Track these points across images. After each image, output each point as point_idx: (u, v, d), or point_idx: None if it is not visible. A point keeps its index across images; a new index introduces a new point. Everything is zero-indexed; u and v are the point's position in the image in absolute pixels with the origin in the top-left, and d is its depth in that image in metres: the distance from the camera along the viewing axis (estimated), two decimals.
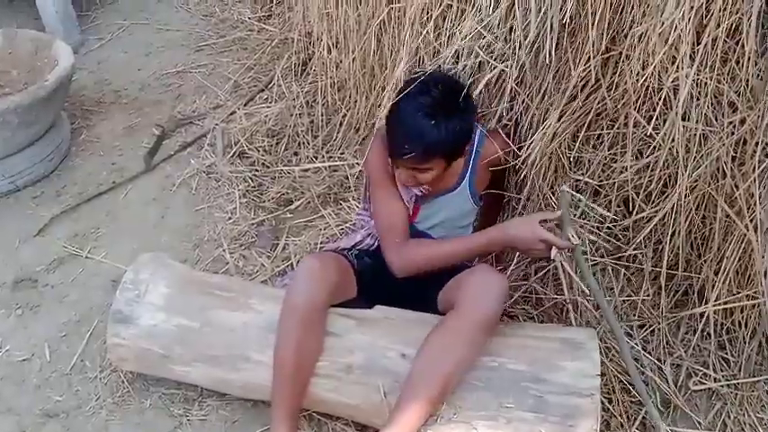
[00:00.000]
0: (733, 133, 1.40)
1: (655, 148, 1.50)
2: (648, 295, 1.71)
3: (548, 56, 1.46)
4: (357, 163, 2.22)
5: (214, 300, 1.57)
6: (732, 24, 1.27)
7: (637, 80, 1.39)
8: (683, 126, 1.41)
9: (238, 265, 1.97)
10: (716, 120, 1.41)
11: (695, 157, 1.45)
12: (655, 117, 1.40)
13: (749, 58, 1.26)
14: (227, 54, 2.93)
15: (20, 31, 2.49)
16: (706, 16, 1.27)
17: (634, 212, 1.62)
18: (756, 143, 1.36)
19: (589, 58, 1.42)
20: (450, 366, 1.35)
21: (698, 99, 1.38)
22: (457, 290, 1.44)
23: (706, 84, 1.35)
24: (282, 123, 2.39)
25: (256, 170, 2.28)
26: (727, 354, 1.63)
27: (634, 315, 1.69)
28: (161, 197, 2.24)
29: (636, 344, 1.64)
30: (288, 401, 1.44)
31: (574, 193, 1.51)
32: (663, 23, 1.27)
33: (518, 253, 1.71)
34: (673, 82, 1.34)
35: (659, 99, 1.39)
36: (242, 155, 2.34)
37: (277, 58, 2.72)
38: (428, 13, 1.68)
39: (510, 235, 1.42)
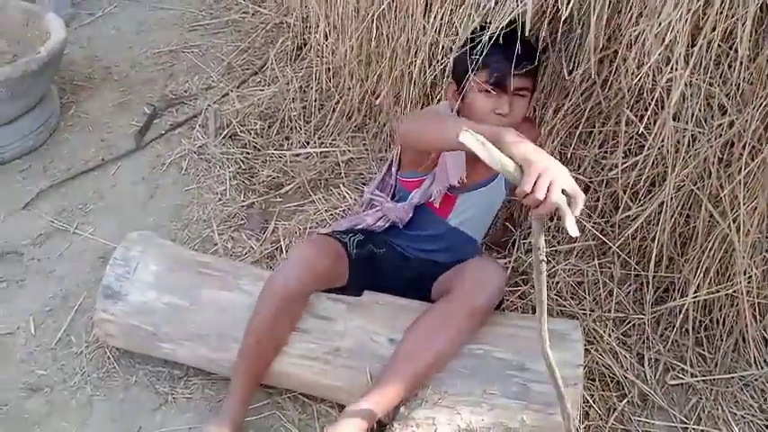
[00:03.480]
0: (721, 135, 1.44)
1: (644, 146, 1.54)
2: (630, 291, 1.76)
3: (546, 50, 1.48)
4: (349, 150, 2.23)
5: (204, 279, 1.57)
6: (727, 28, 1.30)
7: (631, 79, 1.42)
8: (674, 126, 1.44)
9: (227, 246, 1.97)
10: (705, 121, 1.45)
11: (683, 158, 1.49)
12: (647, 116, 1.43)
13: (741, 63, 1.30)
14: (221, 35, 2.90)
15: (10, 1, 2.45)
16: (702, 19, 1.30)
17: (621, 209, 1.66)
18: (743, 146, 1.40)
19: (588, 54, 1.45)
20: (434, 350, 1.37)
21: (690, 100, 1.41)
22: (454, 278, 1.46)
23: (698, 86, 1.38)
24: (275, 107, 2.39)
25: (247, 153, 2.28)
26: (704, 350, 1.68)
27: (616, 309, 1.73)
28: (150, 176, 2.23)
29: (617, 338, 1.68)
30: (245, 378, 1.46)
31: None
32: (660, 24, 1.30)
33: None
34: (666, 82, 1.37)
35: (652, 99, 1.42)
36: (233, 137, 2.33)
37: (271, 42, 2.71)
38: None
39: (525, 145, 1.06)
